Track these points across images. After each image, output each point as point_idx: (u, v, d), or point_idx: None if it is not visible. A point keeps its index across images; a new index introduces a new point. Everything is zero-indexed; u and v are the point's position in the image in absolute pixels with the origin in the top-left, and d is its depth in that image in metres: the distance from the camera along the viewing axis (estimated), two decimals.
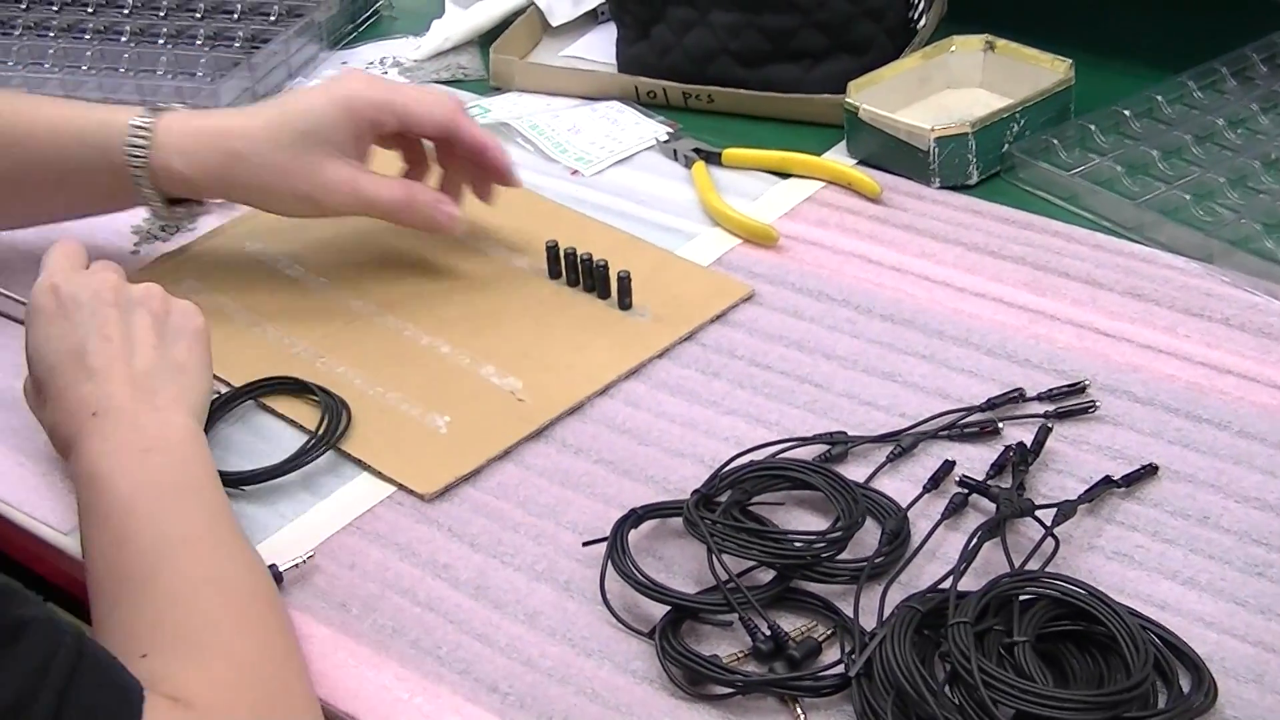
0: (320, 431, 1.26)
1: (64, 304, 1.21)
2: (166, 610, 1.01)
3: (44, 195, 1.42)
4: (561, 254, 1.41)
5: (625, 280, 1.37)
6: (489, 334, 1.37)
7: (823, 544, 1.09)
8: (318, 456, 1.25)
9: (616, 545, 1.11)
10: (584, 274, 1.40)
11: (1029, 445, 1.18)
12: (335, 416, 1.27)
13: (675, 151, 1.60)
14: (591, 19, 1.88)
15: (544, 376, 1.31)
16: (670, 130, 1.64)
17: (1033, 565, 1.08)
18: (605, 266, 1.38)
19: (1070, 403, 1.23)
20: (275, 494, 1.23)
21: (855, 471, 1.19)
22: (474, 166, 1.43)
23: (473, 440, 1.25)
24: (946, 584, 1.05)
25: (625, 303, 1.38)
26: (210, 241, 1.54)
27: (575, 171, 1.60)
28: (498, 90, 1.77)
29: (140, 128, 1.36)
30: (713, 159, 1.58)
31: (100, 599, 1.05)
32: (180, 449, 1.15)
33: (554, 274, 1.42)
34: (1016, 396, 1.24)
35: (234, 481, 1.21)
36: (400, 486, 1.22)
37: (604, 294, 1.39)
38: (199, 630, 1.00)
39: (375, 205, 1.39)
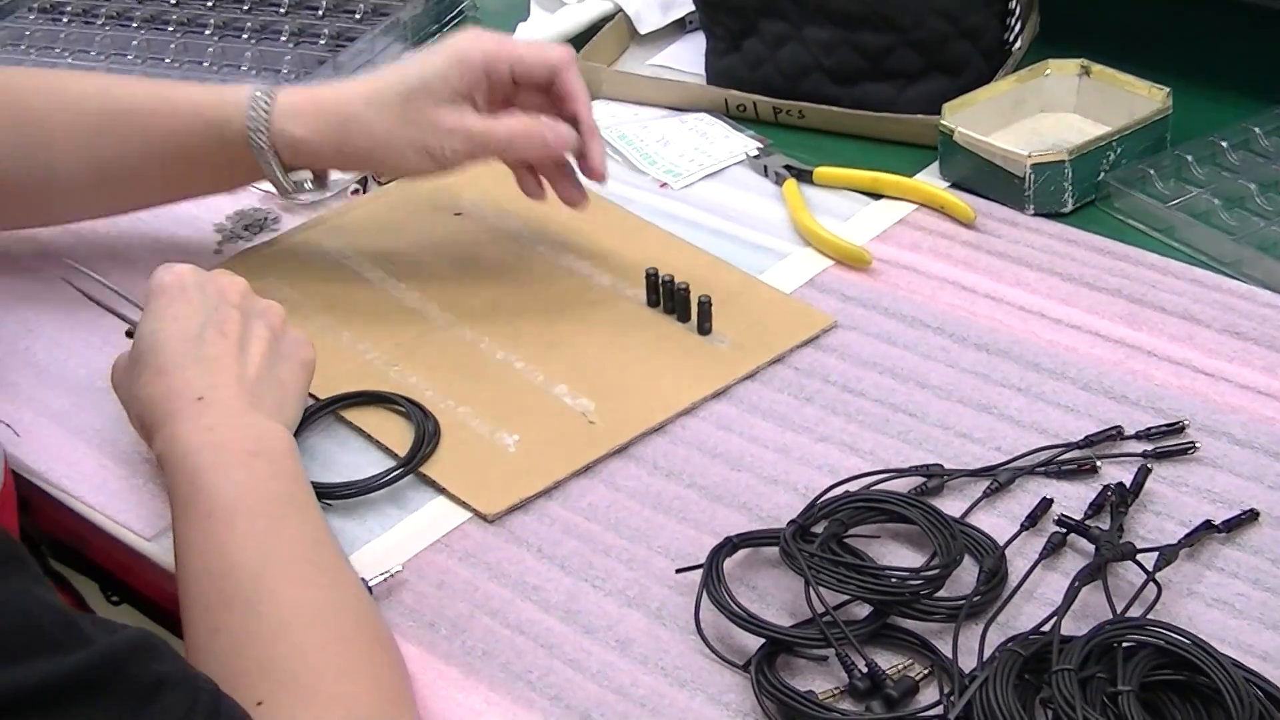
0: (412, 450, 1.25)
1: (189, 289, 1.21)
2: (274, 646, 0.99)
3: (153, 174, 1.42)
4: (658, 279, 1.39)
5: (706, 305, 1.35)
6: (564, 352, 1.36)
7: (921, 581, 1.07)
8: (408, 474, 1.24)
9: (712, 574, 1.10)
10: (664, 296, 1.39)
11: (1128, 486, 1.17)
12: (427, 436, 1.26)
13: (766, 168, 1.58)
14: (679, 27, 1.86)
15: (616, 400, 1.30)
16: (760, 145, 1.62)
17: (1135, 611, 1.07)
18: (686, 290, 1.37)
19: (1169, 443, 1.21)
20: (362, 508, 1.22)
21: (951, 505, 1.17)
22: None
23: (540, 461, 1.24)
24: (1047, 627, 1.04)
25: (705, 328, 1.36)
26: (292, 239, 1.53)
27: (664, 184, 1.59)
28: None
29: (261, 96, 1.37)
30: (804, 177, 1.56)
31: (198, 618, 1.03)
32: (284, 460, 1.14)
33: (652, 303, 1.40)
34: (1114, 434, 1.22)
35: (322, 494, 1.20)
36: (464, 505, 1.21)
37: (684, 317, 1.38)
38: (312, 674, 0.97)
39: (490, 140, 1.36)
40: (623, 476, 1.23)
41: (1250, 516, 1.15)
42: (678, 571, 1.13)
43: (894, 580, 1.08)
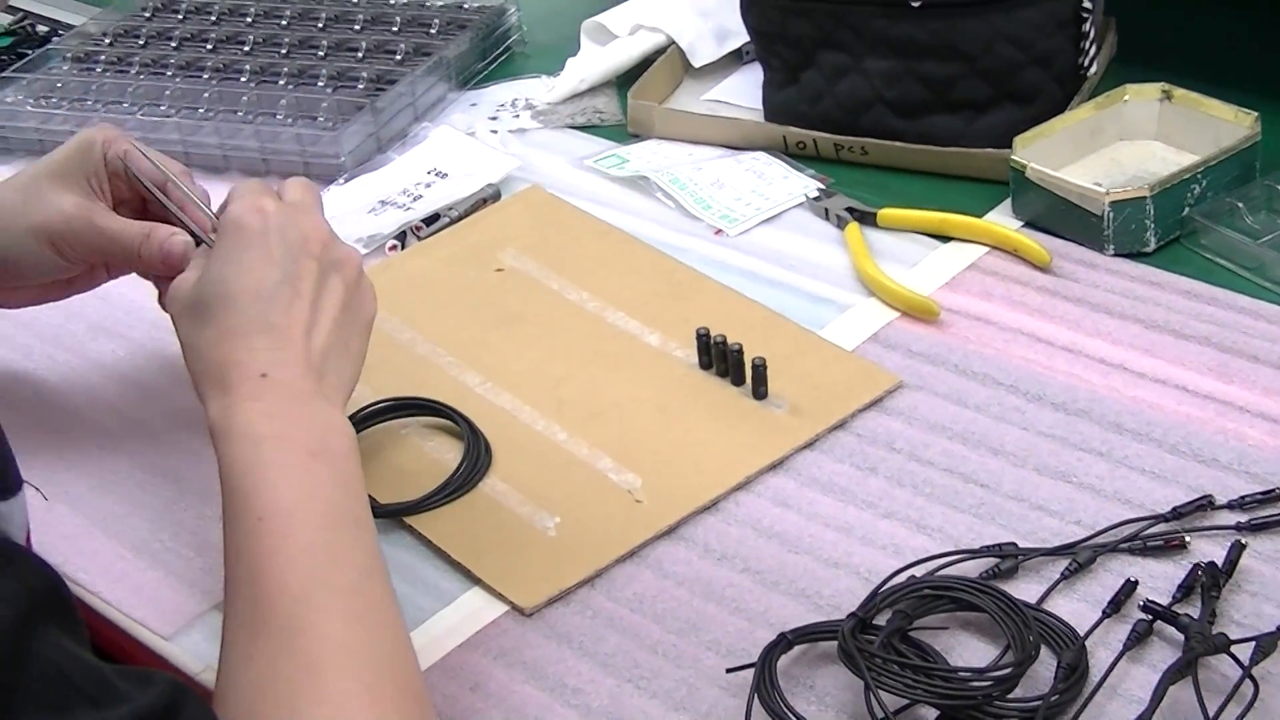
0: (461, 468, 1.23)
1: (269, 233, 1.12)
2: (302, 690, 0.93)
3: None
4: (709, 340, 1.31)
5: (761, 369, 1.27)
6: (609, 422, 1.27)
7: (991, 681, 0.99)
8: (458, 496, 1.22)
9: (764, 676, 1.02)
10: (716, 358, 1.30)
11: (1220, 565, 1.07)
12: (478, 455, 1.23)
13: (827, 210, 1.49)
14: (736, 59, 1.78)
15: (665, 475, 1.21)
16: (821, 186, 1.53)
17: (1231, 710, 0.97)
18: (740, 351, 1.28)
19: (1265, 513, 1.12)
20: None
21: (1027, 588, 1.08)
22: None
23: (582, 546, 1.16)
24: None
25: (760, 392, 1.28)
26: None
27: (719, 231, 1.50)
28: (636, 137, 1.67)
29: None
30: (867, 219, 1.47)
31: (234, 638, 0.97)
32: (346, 463, 1.06)
33: (704, 365, 1.32)
34: (1205, 504, 1.13)
35: (397, 511, 1.20)
36: (499, 596, 1.14)
37: (738, 380, 1.29)
38: None
39: (117, 237, 1.25)
40: (671, 561, 1.15)
41: None
42: (728, 671, 1.05)
43: (963, 681, 1.00)
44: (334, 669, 0.94)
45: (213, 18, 1.94)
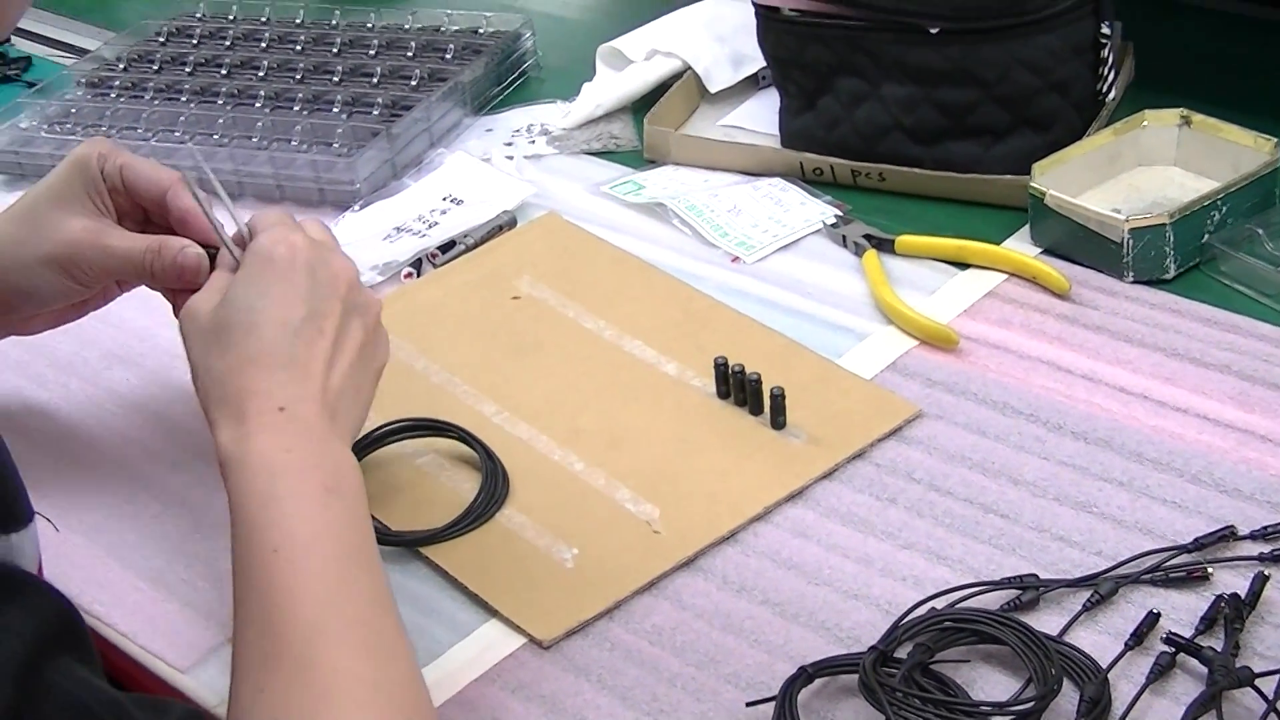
0: (479, 498, 1.23)
1: (298, 270, 1.12)
2: (319, 715, 0.93)
3: None
4: (728, 369, 1.30)
5: (779, 399, 1.26)
6: (627, 452, 1.27)
7: (1013, 717, 0.98)
8: (476, 526, 1.22)
9: (784, 710, 1.01)
10: (735, 387, 1.29)
11: (1243, 596, 1.06)
12: (495, 485, 1.23)
13: (844, 238, 1.48)
14: (753, 84, 1.77)
15: (683, 505, 1.21)
16: (839, 212, 1.52)
17: None
18: (758, 380, 1.27)
19: None
20: (409, 631, 1.12)
21: (1048, 620, 1.07)
22: None
23: (600, 578, 1.15)
24: None
25: (778, 421, 1.27)
26: None
27: (736, 259, 1.49)
28: (652, 163, 1.67)
29: None
30: (885, 246, 1.46)
31: (246, 670, 0.96)
32: (355, 499, 1.06)
33: (722, 394, 1.31)
34: (1227, 535, 1.12)
35: (414, 541, 1.20)
36: (517, 629, 1.13)
37: (756, 410, 1.28)
38: None
39: (127, 255, 1.23)
40: (689, 593, 1.14)
41: None
42: (748, 705, 1.04)
43: (985, 715, 0.99)
44: (349, 701, 0.93)
45: (227, 42, 1.94)
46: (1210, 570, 1.10)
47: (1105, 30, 1.52)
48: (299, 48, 1.89)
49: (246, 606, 0.99)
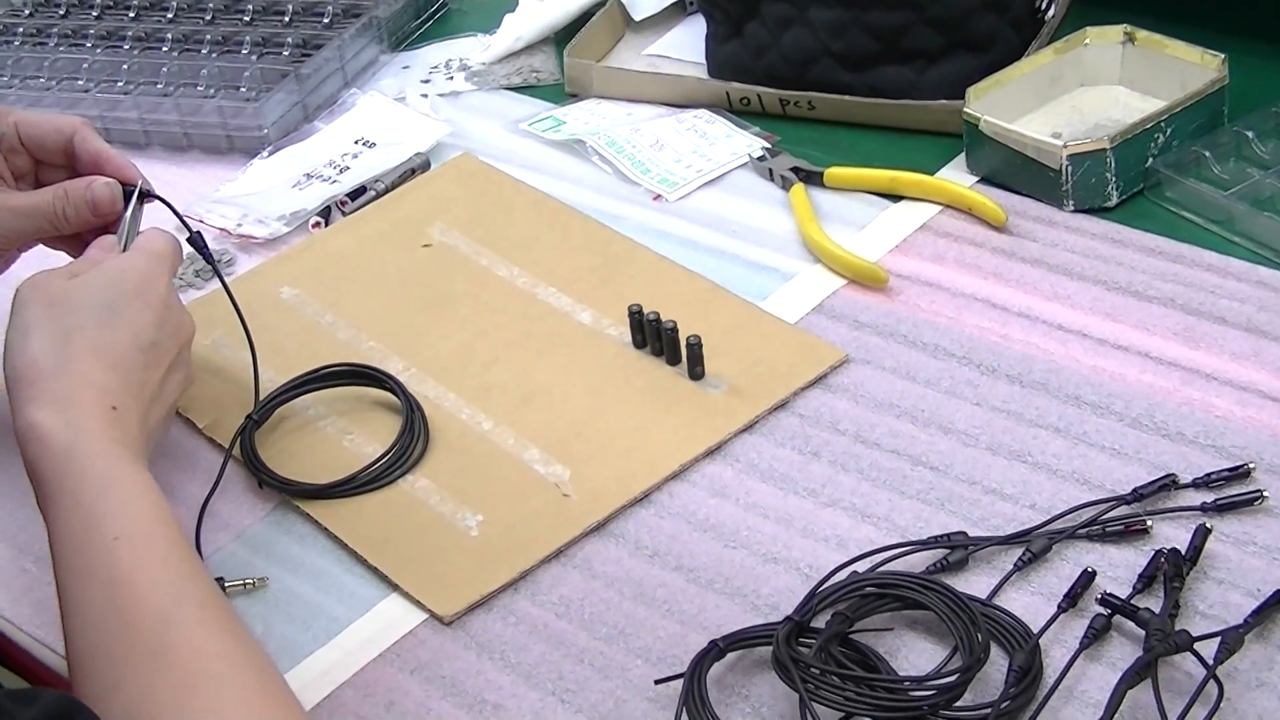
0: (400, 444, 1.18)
1: (161, 297, 1.12)
2: (189, 698, 0.90)
3: None
4: (642, 317, 1.24)
5: (696, 348, 1.19)
6: (537, 409, 1.21)
7: (935, 691, 0.92)
8: (396, 478, 1.17)
9: (694, 687, 0.96)
10: (650, 336, 1.23)
11: (1184, 551, 1.00)
12: (408, 445, 1.18)
13: (771, 171, 1.42)
14: (679, 10, 1.70)
15: (595, 465, 1.15)
16: (767, 144, 1.45)
17: (1195, 713, 0.91)
18: (675, 329, 1.21)
19: (1232, 492, 1.05)
20: (305, 609, 1.08)
21: (977, 581, 1.02)
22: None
23: (506, 547, 1.10)
24: None
25: (696, 372, 1.20)
26: (244, 286, 1.36)
27: (658, 196, 1.42)
28: (574, 97, 1.60)
29: None
30: (813, 179, 1.39)
31: (95, 668, 0.93)
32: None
33: (638, 344, 1.25)
34: (1168, 484, 1.06)
35: (301, 492, 1.16)
36: (418, 604, 1.07)
37: (673, 360, 1.22)
38: None
39: (35, 209, 1.21)
40: (600, 560, 1.09)
41: None
42: (657, 683, 0.99)
43: (906, 690, 0.93)
44: (214, 680, 0.91)
45: None
46: (1149, 523, 1.04)
47: None
48: None
49: (86, 600, 0.95)
